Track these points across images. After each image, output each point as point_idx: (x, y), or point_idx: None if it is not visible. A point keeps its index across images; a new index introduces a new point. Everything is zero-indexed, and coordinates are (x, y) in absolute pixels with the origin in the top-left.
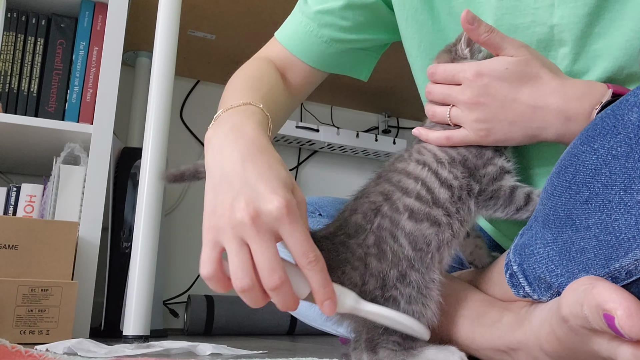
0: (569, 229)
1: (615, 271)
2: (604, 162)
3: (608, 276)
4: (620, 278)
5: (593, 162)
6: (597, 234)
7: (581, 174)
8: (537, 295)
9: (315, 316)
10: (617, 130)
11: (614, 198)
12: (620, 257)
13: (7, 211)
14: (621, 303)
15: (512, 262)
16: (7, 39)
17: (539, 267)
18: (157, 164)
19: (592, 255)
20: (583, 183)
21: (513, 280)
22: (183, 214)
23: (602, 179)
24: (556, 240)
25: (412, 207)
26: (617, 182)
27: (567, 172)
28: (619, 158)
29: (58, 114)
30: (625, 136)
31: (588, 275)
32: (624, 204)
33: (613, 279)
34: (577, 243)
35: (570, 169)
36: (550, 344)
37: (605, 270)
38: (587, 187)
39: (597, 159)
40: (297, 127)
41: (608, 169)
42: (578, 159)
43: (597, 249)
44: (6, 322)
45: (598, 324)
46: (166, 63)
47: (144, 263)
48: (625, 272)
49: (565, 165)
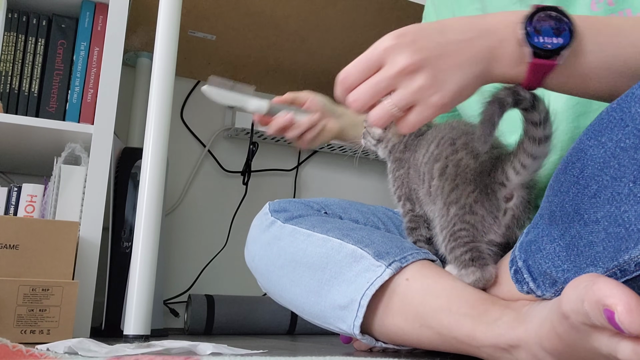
0: (576, 224)
1: (625, 263)
2: (612, 154)
3: (617, 269)
4: (629, 270)
5: (601, 155)
6: (606, 227)
7: (589, 168)
8: (541, 291)
9: (318, 313)
10: (625, 123)
11: (623, 190)
12: (630, 249)
13: (7, 211)
14: (621, 298)
15: (517, 258)
16: (8, 39)
17: (544, 263)
18: (158, 164)
19: (601, 249)
20: (591, 177)
21: (517, 276)
22: (183, 214)
23: (611, 172)
24: (563, 235)
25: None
26: (627, 174)
27: (574, 167)
28: (628, 150)
29: (59, 114)
30: (633, 128)
31: (596, 268)
32: (633, 195)
33: (622, 271)
34: (586, 237)
35: (578, 164)
36: (550, 341)
37: (614, 262)
38: (595, 181)
39: (605, 153)
40: None
41: (617, 161)
42: (585, 154)
43: (606, 242)
44: (7, 322)
45: (598, 320)
46: (167, 63)
47: (144, 263)
48: (635, 264)
49: (572, 160)
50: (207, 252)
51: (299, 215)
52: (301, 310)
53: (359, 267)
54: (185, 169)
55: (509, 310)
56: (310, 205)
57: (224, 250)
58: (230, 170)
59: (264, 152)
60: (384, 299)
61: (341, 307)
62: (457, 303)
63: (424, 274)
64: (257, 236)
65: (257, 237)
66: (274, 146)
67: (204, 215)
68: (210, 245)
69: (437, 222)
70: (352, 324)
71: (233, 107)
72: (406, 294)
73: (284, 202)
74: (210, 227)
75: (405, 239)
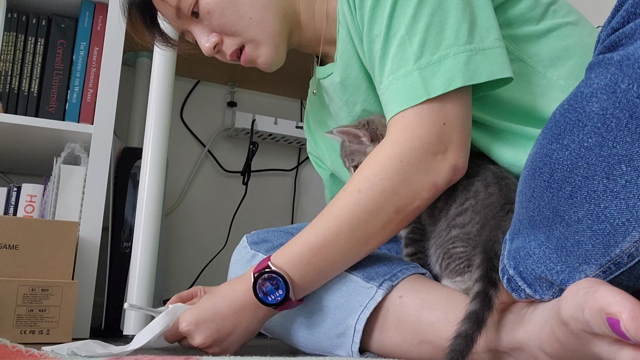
0: (559, 225)
1: (617, 257)
2: (578, 155)
3: (610, 263)
4: (623, 263)
5: (567, 157)
6: (590, 225)
7: (558, 172)
8: (539, 295)
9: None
10: (583, 123)
11: (597, 187)
12: (619, 242)
13: (7, 211)
14: (626, 306)
15: (507, 267)
16: (8, 39)
17: (537, 267)
18: (157, 164)
19: (590, 246)
20: (562, 179)
21: (512, 285)
22: (183, 214)
23: (581, 172)
24: (549, 238)
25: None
26: (598, 172)
27: (542, 172)
28: (593, 149)
29: (58, 114)
30: (592, 127)
31: (589, 266)
32: (609, 191)
33: (616, 265)
34: (572, 237)
35: (546, 169)
36: (551, 344)
37: (606, 258)
38: (567, 183)
39: (570, 154)
40: (297, 127)
41: (585, 161)
42: (551, 158)
43: (593, 239)
44: (6, 322)
45: (600, 328)
46: (166, 63)
47: (144, 263)
48: (627, 255)
49: (538, 166)
50: (207, 252)
51: (280, 244)
52: (296, 343)
53: (349, 292)
54: (185, 169)
55: (507, 313)
56: (291, 232)
57: (224, 250)
58: (230, 170)
59: (264, 152)
60: (379, 319)
61: (337, 335)
62: (454, 312)
63: (416, 289)
64: (238, 272)
65: (238, 273)
66: (274, 146)
67: (204, 215)
68: (210, 245)
69: (434, 241)
70: (350, 350)
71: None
72: (401, 312)
73: (263, 232)
74: (210, 227)
75: (397, 254)
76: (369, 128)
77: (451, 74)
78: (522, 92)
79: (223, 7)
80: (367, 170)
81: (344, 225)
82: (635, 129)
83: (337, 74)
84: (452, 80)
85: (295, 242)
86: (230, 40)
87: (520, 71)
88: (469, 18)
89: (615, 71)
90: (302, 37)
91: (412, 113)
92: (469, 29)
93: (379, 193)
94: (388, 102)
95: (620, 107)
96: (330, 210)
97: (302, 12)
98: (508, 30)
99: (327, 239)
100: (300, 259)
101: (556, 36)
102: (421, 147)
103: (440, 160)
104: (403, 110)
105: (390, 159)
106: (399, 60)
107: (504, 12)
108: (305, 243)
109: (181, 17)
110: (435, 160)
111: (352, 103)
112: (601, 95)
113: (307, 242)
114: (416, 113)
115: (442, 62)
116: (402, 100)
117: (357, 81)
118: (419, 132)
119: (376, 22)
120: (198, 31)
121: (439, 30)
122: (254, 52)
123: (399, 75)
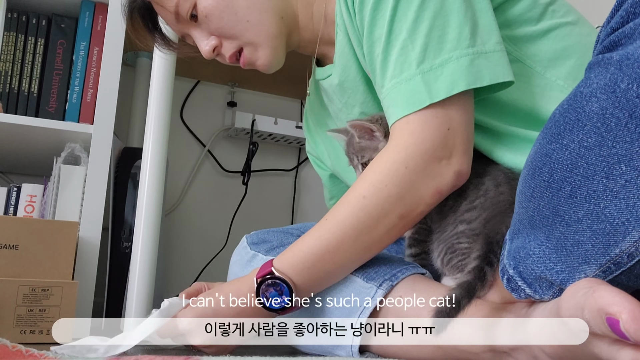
0: (559, 225)
1: (617, 257)
2: (578, 155)
3: (610, 263)
4: (622, 262)
5: (567, 157)
6: (589, 225)
7: (558, 172)
8: (539, 295)
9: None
10: (583, 123)
11: (597, 187)
12: (619, 242)
13: (7, 211)
14: (625, 306)
15: (507, 267)
16: (8, 39)
17: (537, 267)
18: (157, 164)
19: (590, 246)
20: (562, 179)
21: (512, 285)
22: (183, 214)
23: (581, 172)
24: (549, 238)
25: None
26: (597, 172)
27: (542, 172)
28: (592, 149)
29: (58, 114)
30: (592, 127)
31: (589, 266)
32: (609, 191)
33: (616, 264)
34: (572, 237)
35: (545, 169)
36: (551, 345)
37: (606, 258)
38: (567, 182)
39: (570, 154)
40: (297, 127)
41: (584, 161)
42: (550, 158)
43: (593, 239)
44: (6, 322)
45: (599, 328)
46: (166, 63)
47: (144, 263)
48: (627, 255)
49: (538, 166)
50: (207, 252)
51: (280, 245)
52: (295, 343)
53: (349, 292)
54: (185, 169)
55: (507, 313)
56: (290, 232)
57: (224, 250)
58: (230, 170)
59: (264, 152)
60: (379, 319)
61: (337, 335)
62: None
63: (416, 289)
64: (238, 273)
65: (238, 274)
66: (274, 146)
67: (204, 215)
68: (210, 245)
69: (438, 236)
70: (350, 350)
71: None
72: (401, 312)
73: (262, 232)
74: (210, 227)
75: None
76: (383, 123)
77: (454, 77)
78: (521, 93)
79: (221, 11)
80: (372, 176)
81: (349, 231)
82: (634, 128)
83: (336, 76)
84: (455, 84)
85: (299, 247)
86: (229, 43)
87: (519, 72)
88: (470, 21)
89: (615, 71)
90: (301, 39)
91: (416, 118)
92: (471, 32)
93: (384, 199)
94: (390, 107)
95: (620, 106)
96: (335, 215)
97: (301, 13)
98: (507, 30)
99: (332, 244)
100: (304, 265)
101: (555, 36)
102: (426, 152)
103: (445, 166)
104: (406, 115)
105: (395, 164)
106: (401, 64)
107: (502, 13)
108: (309, 248)
109: (181, 21)
110: (440, 165)
111: (350, 105)
112: (601, 95)
113: (311, 247)
114: (420, 118)
115: (444, 65)
116: (405, 105)
117: (355, 84)
118: (423, 137)
119: (377, 25)
120: (197, 34)
121: (441, 33)
122: (252, 55)
123: (401, 79)
